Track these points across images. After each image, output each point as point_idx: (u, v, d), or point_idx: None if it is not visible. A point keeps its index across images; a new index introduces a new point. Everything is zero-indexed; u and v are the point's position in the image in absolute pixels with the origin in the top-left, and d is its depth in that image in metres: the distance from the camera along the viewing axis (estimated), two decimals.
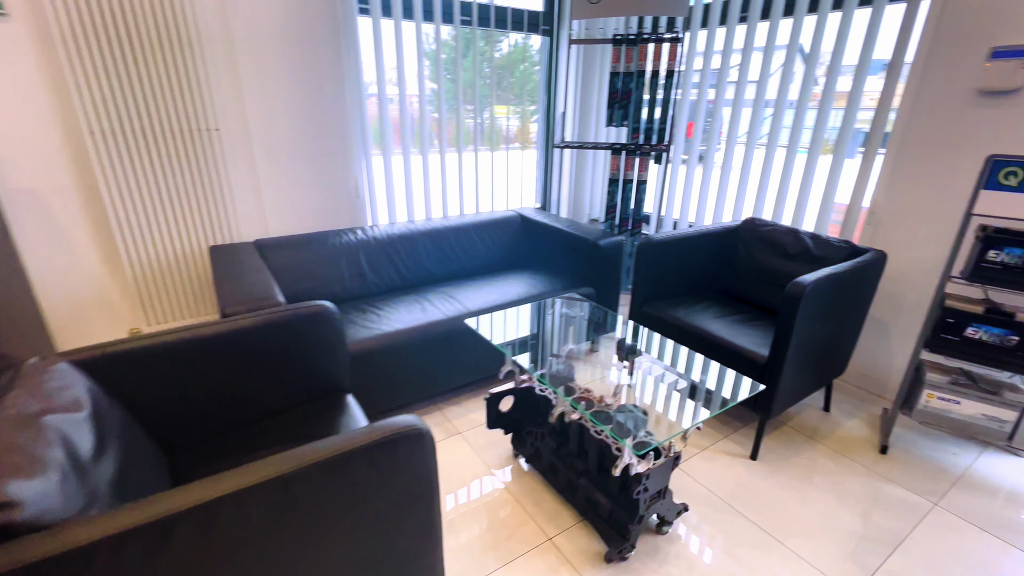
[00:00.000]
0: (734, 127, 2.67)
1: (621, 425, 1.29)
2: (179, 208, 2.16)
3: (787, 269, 2.13)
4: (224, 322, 1.29)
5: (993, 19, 1.77)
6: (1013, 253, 1.57)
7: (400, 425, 0.92)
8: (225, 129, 2.16)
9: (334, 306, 1.43)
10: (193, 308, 2.33)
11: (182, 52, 1.97)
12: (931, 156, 1.99)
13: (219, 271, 1.82)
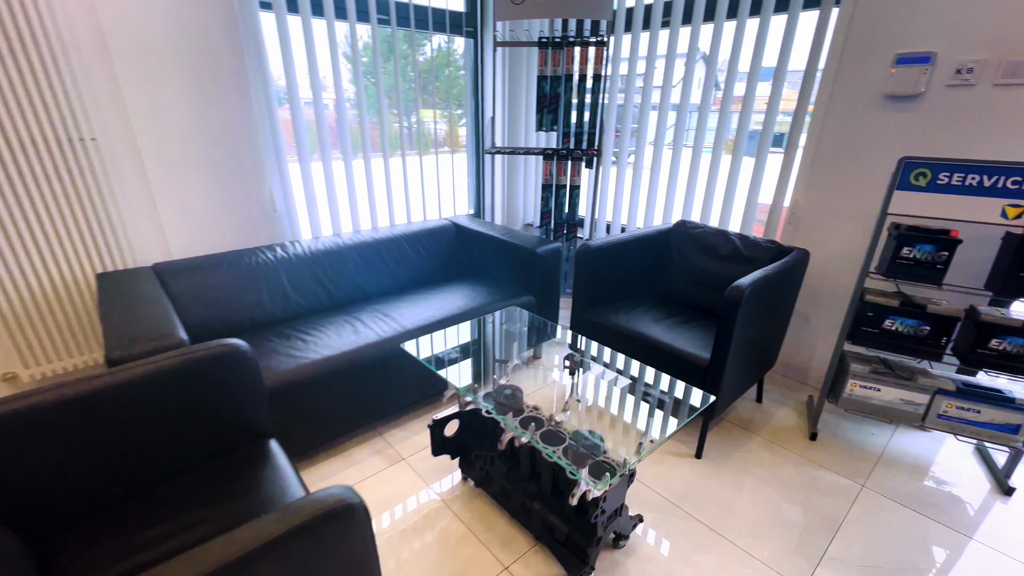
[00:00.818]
0: (661, 130, 2.72)
1: (575, 450, 1.23)
2: (53, 229, 1.84)
3: (719, 270, 2.18)
4: (108, 374, 1.08)
5: (897, 27, 1.89)
6: (924, 249, 1.69)
7: (322, 503, 0.75)
8: (104, 139, 1.87)
9: (245, 344, 1.26)
10: (82, 344, 2.01)
11: (37, 53, 1.67)
12: (845, 157, 2.11)
13: (106, 304, 1.56)
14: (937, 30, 1.81)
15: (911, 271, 1.73)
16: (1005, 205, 1.59)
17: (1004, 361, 1.64)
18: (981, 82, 1.77)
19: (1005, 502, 1.68)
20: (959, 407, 1.71)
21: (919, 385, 1.75)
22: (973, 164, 1.60)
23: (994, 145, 1.78)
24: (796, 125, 2.23)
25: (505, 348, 1.80)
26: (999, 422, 1.67)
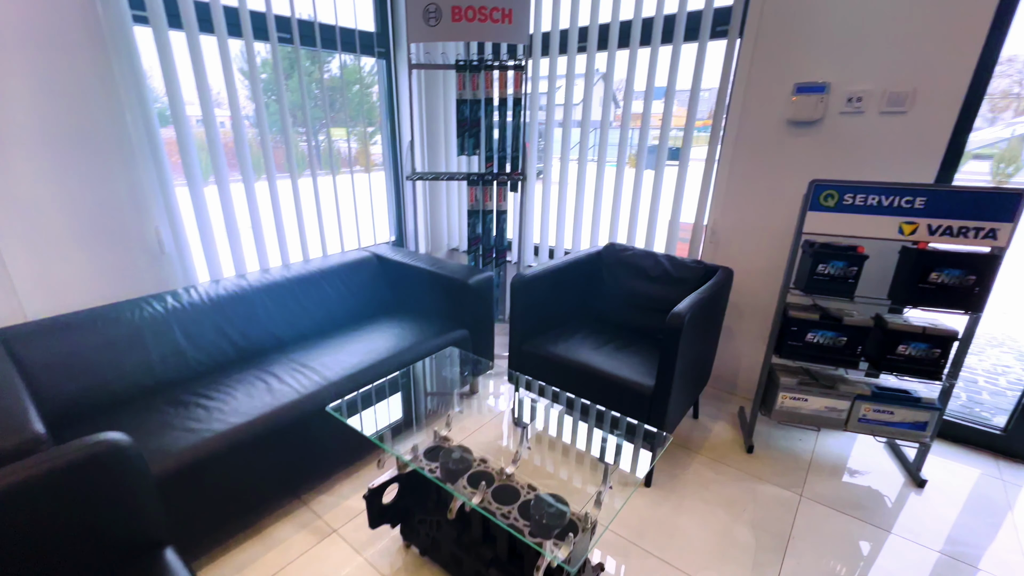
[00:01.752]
0: (583, 151, 2.73)
1: (535, 519, 1.12)
2: None
3: (651, 292, 2.20)
4: None
5: (794, 59, 2.02)
6: (837, 265, 1.80)
7: None
8: None
9: (125, 437, 1.01)
10: None
11: None
12: (757, 178, 2.22)
13: None
14: (829, 63, 1.96)
15: (827, 286, 1.83)
16: (901, 223, 1.73)
17: (910, 364, 1.78)
18: (869, 110, 1.94)
19: (919, 494, 1.82)
20: (876, 410, 1.84)
21: (841, 393, 1.86)
22: (872, 185, 1.73)
23: (883, 166, 1.95)
24: (713, 142, 2.32)
25: (443, 395, 1.66)
26: (910, 421, 1.81)
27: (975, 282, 1.69)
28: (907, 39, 1.81)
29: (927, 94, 1.83)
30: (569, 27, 2.59)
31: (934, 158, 1.88)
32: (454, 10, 2.40)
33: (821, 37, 1.96)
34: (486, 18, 2.43)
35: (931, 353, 1.75)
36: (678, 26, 2.27)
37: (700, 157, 2.39)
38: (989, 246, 1.66)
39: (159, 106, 1.97)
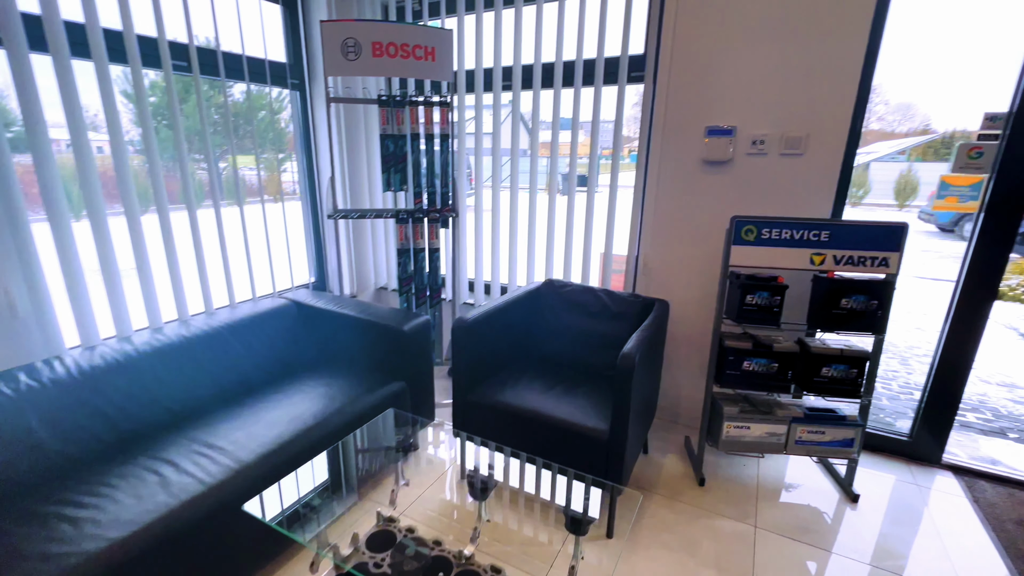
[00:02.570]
0: (514, 186, 2.71)
1: None
2: None
3: (594, 328, 2.18)
4: None
5: (704, 104, 2.16)
6: (762, 296, 1.89)
7: None
8: None
9: None
10: None
11: None
12: (681, 212, 2.32)
13: None
14: (735, 109, 2.12)
15: (755, 315, 1.92)
16: (811, 254, 1.87)
17: (833, 385, 1.90)
18: (771, 152, 2.11)
19: (855, 509, 1.91)
20: (809, 431, 1.93)
21: (778, 417, 1.93)
22: (784, 221, 1.86)
23: (790, 201, 2.12)
24: (639, 177, 2.40)
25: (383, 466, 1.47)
26: (839, 439, 1.92)
27: (877, 306, 1.85)
28: (796, 90, 2.00)
29: (818, 138, 2.03)
30: (494, 66, 2.59)
31: (829, 193, 2.07)
32: (374, 46, 2.30)
33: (725, 86, 2.11)
34: (408, 55, 2.35)
35: (850, 373, 1.89)
36: (598, 70, 2.35)
37: (629, 188, 2.47)
38: (884, 273, 1.84)
39: (17, 129, 1.62)
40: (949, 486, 2.04)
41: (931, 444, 2.17)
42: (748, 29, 2.02)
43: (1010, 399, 3.01)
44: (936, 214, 9.01)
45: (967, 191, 2.03)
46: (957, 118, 20.76)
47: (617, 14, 2.25)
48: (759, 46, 2.02)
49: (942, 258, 7.23)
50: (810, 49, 1.95)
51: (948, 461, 2.16)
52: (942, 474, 2.11)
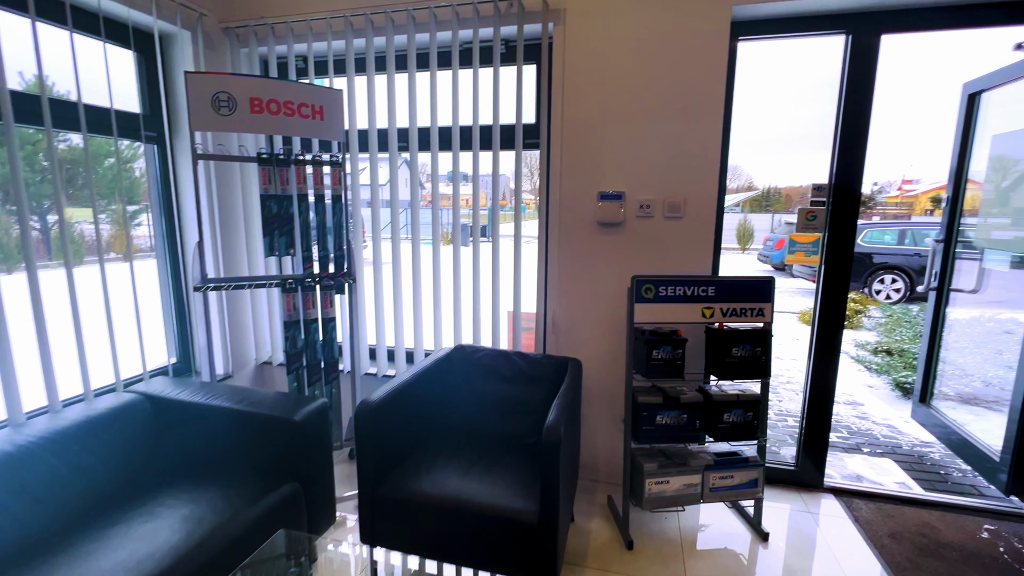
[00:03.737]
0: (416, 247, 2.60)
1: None
2: None
3: (511, 394, 2.10)
4: None
5: (595, 170, 2.30)
6: (666, 350, 1.98)
7: None
8: None
9: None
10: None
11: None
12: (582, 271, 2.39)
13: None
14: (623, 176, 2.29)
15: (662, 369, 2.00)
16: (702, 308, 2.03)
17: (735, 430, 2.03)
18: (656, 215, 2.29)
19: (767, 547, 2.02)
20: (721, 477, 2.02)
21: (693, 467, 1.99)
22: (677, 279, 2.00)
23: (679, 259, 2.30)
24: (542, 238, 2.44)
25: None
26: (746, 481, 2.04)
27: (761, 352, 2.05)
28: (672, 161, 2.21)
29: (694, 202, 2.25)
30: (389, 127, 2.52)
31: (708, 249, 2.29)
32: (253, 102, 2.10)
33: (612, 156, 2.28)
34: (293, 112, 2.19)
35: (747, 417, 2.03)
36: (495, 136, 2.40)
37: (534, 240, 2.50)
38: (761, 322, 2.06)
39: None
40: (833, 509, 2.26)
41: (813, 470, 2.41)
42: (626, 109, 2.22)
43: (856, 416, 3.52)
44: (772, 255, 10.68)
45: (810, 247, 2.40)
46: (771, 178, 25.68)
47: (510, 86, 2.34)
48: (636, 123, 2.22)
49: (779, 292, 8.50)
50: (679, 127, 2.18)
51: (828, 484, 2.41)
52: (826, 498, 2.34)
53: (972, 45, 13.96)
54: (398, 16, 2.38)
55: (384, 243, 2.74)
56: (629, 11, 2.15)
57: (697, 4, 2.08)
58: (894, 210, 23.31)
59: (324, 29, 2.47)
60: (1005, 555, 1.91)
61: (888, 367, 4.38)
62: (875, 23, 2.06)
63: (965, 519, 2.14)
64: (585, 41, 2.22)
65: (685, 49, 2.12)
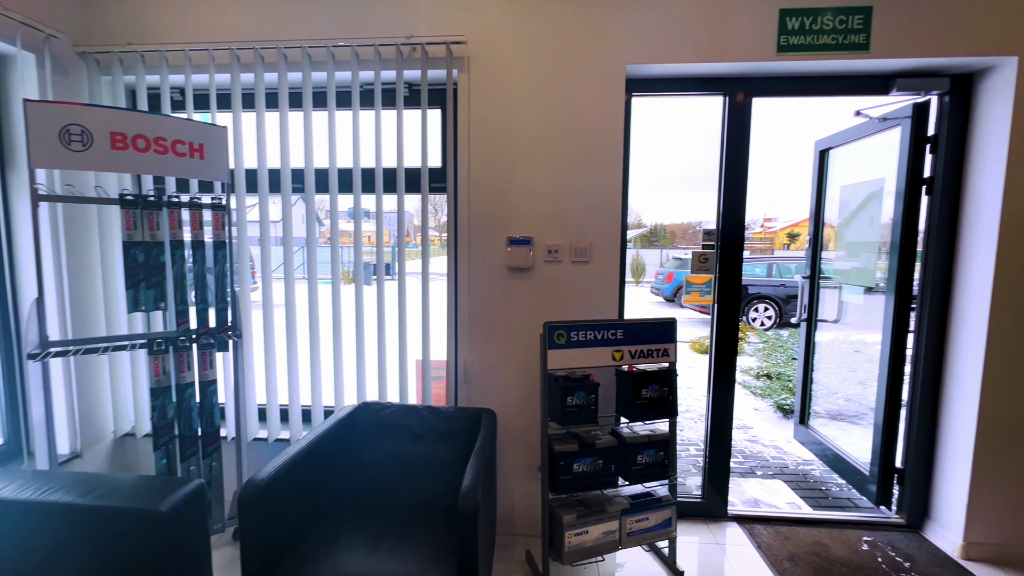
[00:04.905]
0: (314, 296, 2.39)
1: None
2: None
3: (422, 453, 1.96)
4: None
5: (504, 215, 2.30)
6: (580, 396, 1.98)
7: None
8: None
9: None
10: None
11: None
12: (494, 316, 2.35)
13: None
14: (531, 221, 2.31)
15: (577, 416, 1.99)
16: (612, 351, 2.08)
17: (648, 471, 2.07)
18: (564, 260, 2.34)
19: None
20: (637, 520, 2.03)
21: (610, 513, 1.98)
22: (588, 323, 2.03)
23: (587, 303, 2.35)
24: (451, 283, 2.37)
25: None
26: (661, 521, 2.06)
27: (668, 392, 2.13)
28: (578, 207, 2.29)
29: (599, 246, 2.33)
30: (282, 167, 2.33)
31: (614, 292, 2.37)
32: (115, 137, 1.84)
33: (520, 202, 2.30)
34: (166, 150, 1.96)
35: (659, 456, 2.08)
36: (399, 178, 2.32)
37: (442, 280, 2.41)
38: (667, 362, 2.15)
39: None
40: (737, 537, 2.36)
41: (718, 500, 2.52)
42: (532, 156, 2.27)
43: (747, 440, 3.80)
44: (663, 288, 11.56)
45: (704, 287, 2.58)
46: (658, 216, 28.73)
47: (415, 129, 2.29)
48: (543, 169, 2.28)
49: None
50: (583, 174, 2.27)
51: (732, 513, 2.53)
52: (730, 526, 2.45)
53: (826, 108, 17.40)
54: (292, 52, 2.26)
55: (276, 284, 2.50)
56: (532, 63, 2.23)
57: (596, 62, 2.21)
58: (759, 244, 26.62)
59: (206, 61, 2.26)
60: (883, 564, 2.11)
61: (770, 390, 4.84)
62: (746, 88, 2.32)
63: (848, 533, 2.35)
64: (490, 89, 2.25)
65: (587, 102, 2.23)
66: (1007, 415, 2.16)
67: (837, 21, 2.10)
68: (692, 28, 2.15)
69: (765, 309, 8.73)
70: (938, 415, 2.38)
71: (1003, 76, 2.08)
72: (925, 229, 2.39)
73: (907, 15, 2.06)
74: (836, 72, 2.25)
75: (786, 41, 2.13)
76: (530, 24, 2.21)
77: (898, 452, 2.50)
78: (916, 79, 2.24)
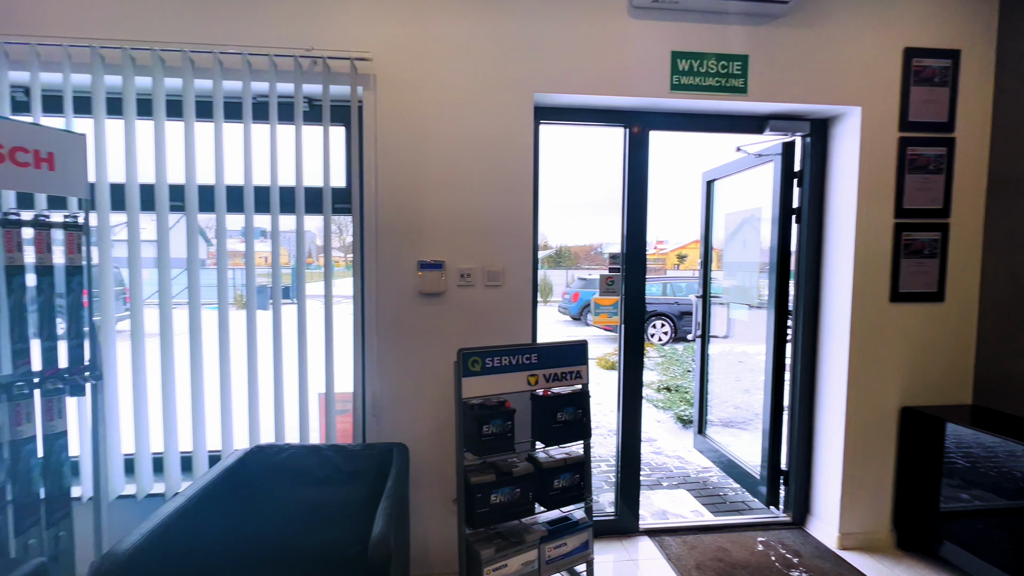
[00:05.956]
0: (195, 312, 2.12)
1: None
2: None
3: (325, 498, 1.79)
4: None
5: (414, 239, 2.23)
6: (496, 423, 1.93)
7: None
8: None
9: None
10: None
11: None
12: (405, 344, 2.24)
13: None
14: (442, 245, 2.26)
15: (493, 444, 1.94)
16: (527, 376, 2.06)
17: (565, 495, 2.06)
18: (477, 284, 2.30)
19: None
20: (555, 547, 2.00)
21: (529, 543, 1.94)
22: (503, 349, 2.00)
23: (502, 327, 2.33)
24: (357, 311, 2.22)
25: None
26: (578, 545, 2.06)
27: (582, 414, 2.15)
28: (490, 230, 2.27)
29: (512, 270, 2.33)
30: (156, 183, 2.06)
31: (527, 316, 2.38)
32: None
33: (431, 225, 2.24)
34: (3, 158, 1.64)
35: (575, 480, 2.09)
36: (298, 198, 2.15)
37: (346, 302, 2.26)
38: (580, 384, 2.18)
39: None
40: (649, 551, 2.44)
41: (630, 515, 2.59)
42: (442, 179, 2.23)
43: (652, 452, 3.99)
44: (569, 307, 12.03)
45: (611, 309, 2.69)
46: (563, 238, 30.39)
47: (316, 146, 2.15)
48: (454, 193, 2.24)
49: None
50: (494, 197, 2.27)
51: (643, 527, 2.61)
52: (642, 541, 2.52)
53: (713, 143, 19.83)
54: (170, 57, 2.02)
55: (151, 310, 2.18)
56: (442, 86, 2.20)
57: (506, 89, 2.23)
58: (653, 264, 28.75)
59: (61, 59, 1.95)
60: (776, 563, 2.29)
61: (670, 402, 5.15)
62: (644, 121, 2.49)
63: (745, 536, 2.53)
64: (399, 110, 2.18)
65: (497, 127, 2.24)
66: (868, 410, 2.46)
67: (720, 66, 2.32)
68: (596, 63, 2.26)
69: (662, 325, 9.41)
70: (814, 417, 2.66)
71: (851, 122, 2.43)
72: (796, 252, 2.70)
73: (776, 66, 2.34)
74: (720, 111, 2.49)
75: (678, 81, 2.31)
76: (440, 47, 2.19)
77: (783, 454, 2.75)
78: (784, 121, 2.54)
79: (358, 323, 2.22)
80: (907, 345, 2.46)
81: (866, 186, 2.39)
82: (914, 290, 2.44)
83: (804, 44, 2.33)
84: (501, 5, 2.21)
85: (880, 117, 2.38)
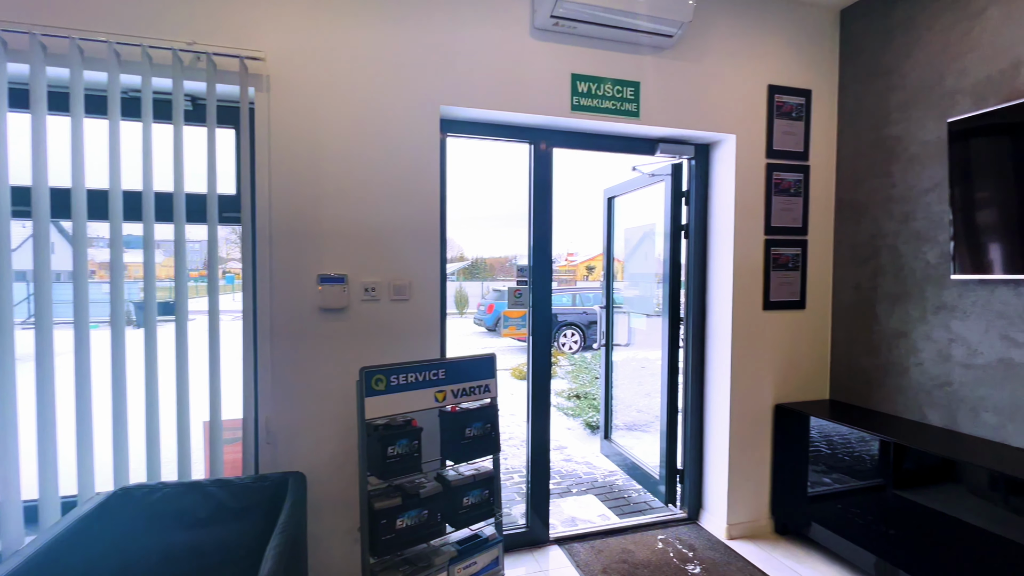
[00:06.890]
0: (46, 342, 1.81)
1: None
2: None
3: (207, 541, 1.60)
4: None
5: (314, 251, 2.10)
6: (402, 444, 1.86)
7: None
8: None
9: None
10: None
11: None
12: (303, 364, 2.10)
13: None
14: (345, 258, 2.15)
15: (399, 466, 1.86)
16: (435, 392, 2.02)
17: (475, 512, 2.03)
18: (383, 298, 2.22)
19: None
20: (465, 567, 1.96)
21: (438, 566, 1.88)
22: (408, 365, 1.95)
23: (408, 343, 2.26)
24: (247, 329, 2.04)
25: None
26: (489, 562, 2.03)
27: (491, 428, 2.15)
28: (395, 242, 2.21)
29: (419, 283, 2.28)
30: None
31: (435, 330, 2.33)
32: None
33: (332, 237, 2.13)
34: None
35: (484, 496, 2.07)
36: (177, 206, 1.94)
37: (233, 318, 2.07)
38: (488, 398, 2.18)
39: None
40: (559, 560, 2.48)
41: (541, 526, 2.62)
42: (344, 189, 2.13)
43: (562, 459, 4.09)
44: (485, 318, 12.11)
45: (520, 321, 2.73)
46: (479, 249, 30.60)
47: (200, 149, 1.96)
48: (357, 203, 2.15)
49: (492, 350, 9.54)
50: (400, 208, 2.21)
51: (553, 536, 2.65)
52: (553, 550, 2.56)
53: (614, 162, 21.18)
54: (14, 39, 1.74)
55: None
56: (344, 93, 2.12)
57: (410, 99, 2.19)
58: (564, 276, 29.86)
59: None
60: (674, 559, 2.43)
61: (579, 410, 5.34)
62: (548, 139, 2.58)
63: (647, 536, 2.66)
64: (296, 114, 2.06)
65: (402, 138, 2.20)
66: (748, 409, 2.72)
67: (615, 90, 2.48)
68: (501, 80, 2.31)
69: (572, 334, 9.78)
70: (704, 417, 2.89)
71: (727, 148, 2.71)
72: (686, 264, 2.94)
73: (663, 93, 2.54)
74: (617, 133, 2.66)
75: (578, 102, 2.43)
76: (341, 52, 2.11)
77: (679, 454, 2.95)
78: (673, 145, 2.77)
79: (249, 342, 2.04)
80: (778, 349, 2.76)
81: (741, 206, 2.67)
82: (782, 299, 2.76)
83: (687, 75, 2.57)
84: (405, 17, 2.18)
85: (751, 144, 2.68)
